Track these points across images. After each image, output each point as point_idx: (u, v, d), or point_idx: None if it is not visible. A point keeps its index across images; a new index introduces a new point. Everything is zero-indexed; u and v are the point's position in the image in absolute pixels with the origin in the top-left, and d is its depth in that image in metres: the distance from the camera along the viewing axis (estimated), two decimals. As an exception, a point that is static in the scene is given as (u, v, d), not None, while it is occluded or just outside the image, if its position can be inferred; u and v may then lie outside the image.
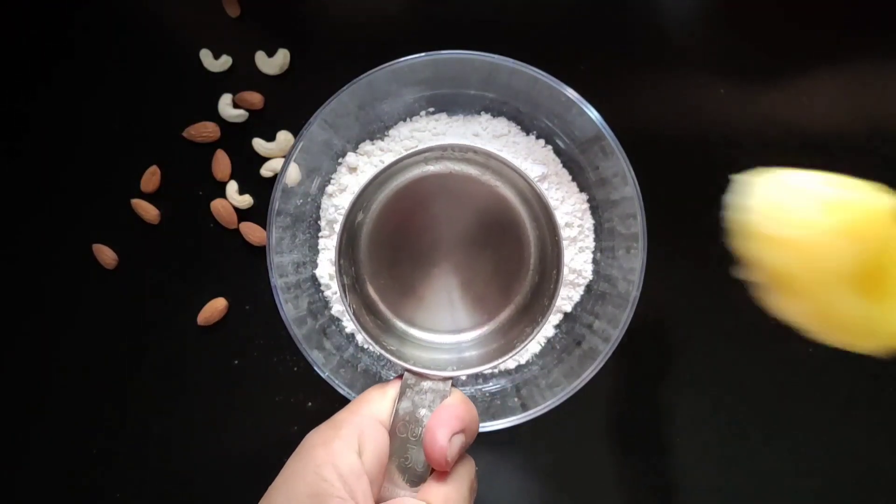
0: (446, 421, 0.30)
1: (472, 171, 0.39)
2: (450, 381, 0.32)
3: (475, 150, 0.35)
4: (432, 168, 0.39)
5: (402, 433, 0.31)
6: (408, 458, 0.30)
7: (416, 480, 0.30)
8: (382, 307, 0.39)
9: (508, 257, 0.39)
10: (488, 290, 0.38)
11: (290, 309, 0.40)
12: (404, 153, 0.34)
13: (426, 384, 0.32)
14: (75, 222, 0.48)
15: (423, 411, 0.31)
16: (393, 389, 0.32)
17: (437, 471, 0.30)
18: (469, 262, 0.39)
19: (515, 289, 0.39)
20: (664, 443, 0.46)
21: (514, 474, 0.47)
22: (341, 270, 0.35)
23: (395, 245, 0.38)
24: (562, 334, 0.44)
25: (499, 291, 0.39)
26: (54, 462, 0.47)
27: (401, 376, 0.33)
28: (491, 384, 0.44)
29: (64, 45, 0.48)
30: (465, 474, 0.31)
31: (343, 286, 0.34)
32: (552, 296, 0.35)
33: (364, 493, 0.27)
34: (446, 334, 0.39)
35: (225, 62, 0.48)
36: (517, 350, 0.35)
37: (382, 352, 0.34)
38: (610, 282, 0.42)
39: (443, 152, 0.36)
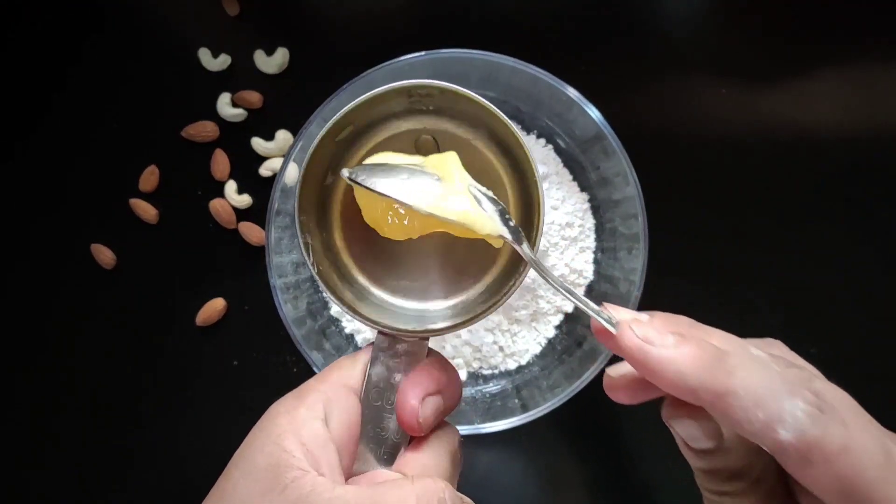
0: (419, 381, 0.28)
1: (446, 125, 0.36)
2: (426, 344, 0.29)
3: (441, 90, 0.31)
4: (405, 125, 0.36)
5: (377, 401, 0.28)
6: (383, 429, 0.28)
7: (392, 452, 0.28)
8: (358, 275, 0.36)
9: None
10: (471, 253, 0.36)
11: (289, 309, 0.40)
12: (357, 100, 0.31)
13: (401, 346, 0.29)
14: (74, 222, 0.48)
15: (398, 377, 0.29)
16: (364, 356, 0.29)
17: (415, 440, 0.28)
18: None
19: (500, 249, 0.35)
20: (665, 443, 0.46)
21: (515, 475, 0.47)
22: (305, 229, 0.32)
23: None
24: (562, 335, 0.44)
25: (482, 253, 0.35)
26: (53, 462, 0.47)
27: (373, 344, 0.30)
28: (491, 385, 0.44)
29: (63, 46, 0.48)
30: (446, 443, 0.28)
31: (307, 244, 0.32)
32: (534, 243, 0.31)
33: (330, 464, 0.25)
34: (428, 302, 0.36)
35: (224, 61, 0.47)
36: (500, 302, 0.31)
37: (352, 314, 0.31)
38: (611, 282, 0.42)
39: (410, 103, 0.33)
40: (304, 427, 0.26)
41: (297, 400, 0.27)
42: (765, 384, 0.22)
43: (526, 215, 0.35)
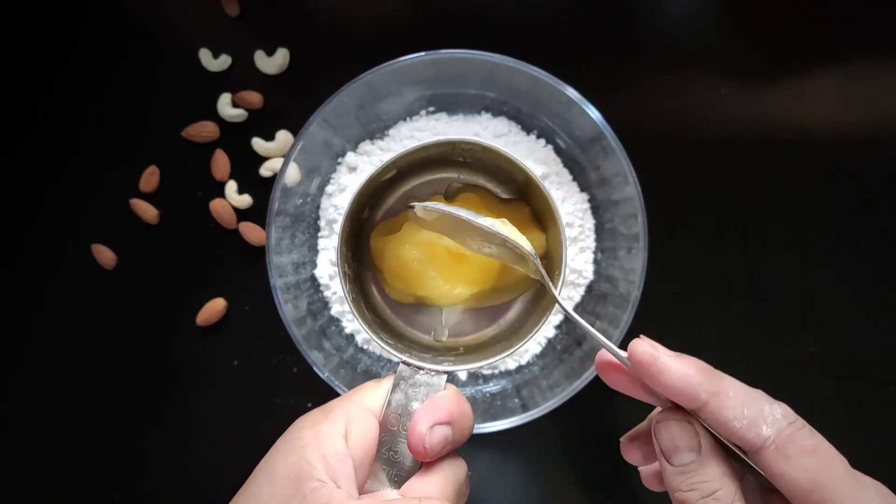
0: (431, 410, 0.29)
1: (478, 178, 0.39)
2: (444, 377, 0.32)
3: (482, 146, 0.34)
4: (441, 173, 0.39)
5: (394, 426, 0.30)
6: (397, 452, 0.30)
7: (403, 476, 0.30)
8: (384, 306, 0.39)
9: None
10: (492, 296, 0.38)
11: (289, 309, 0.40)
12: (408, 148, 0.34)
13: (420, 377, 0.31)
14: (74, 222, 0.48)
15: (415, 405, 0.30)
16: (387, 382, 0.31)
17: (423, 468, 0.29)
18: None
19: (520, 292, 0.39)
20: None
21: (515, 475, 0.47)
22: (343, 259, 0.34)
23: None
24: (562, 335, 0.44)
25: (504, 297, 0.39)
26: (53, 463, 0.47)
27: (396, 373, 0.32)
28: (491, 385, 0.44)
29: (63, 45, 0.48)
30: (452, 474, 0.30)
31: (344, 274, 0.34)
32: (555, 295, 0.34)
33: (347, 477, 0.27)
34: (447, 338, 0.39)
35: (224, 61, 0.47)
36: (515, 349, 0.34)
37: (378, 342, 0.33)
38: (611, 282, 0.42)
39: (450, 154, 0.36)
40: (326, 442, 0.27)
41: (322, 415, 0.29)
42: (750, 391, 0.27)
43: (546, 269, 0.37)
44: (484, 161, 0.37)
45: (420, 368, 0.31)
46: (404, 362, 0.32)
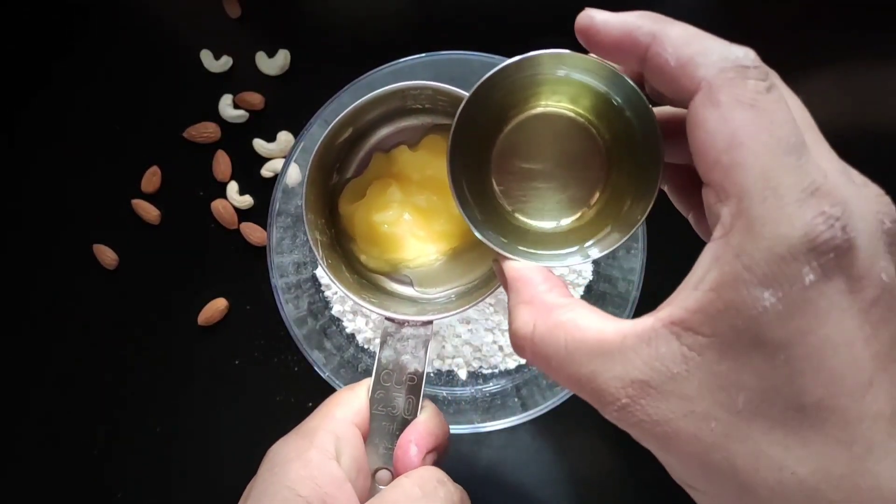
0: (419, 441, 0.29)
1: (443, 120, 0.37)
2: (431, 327, 0.32)
3: (433, 89, 0.32)
4: (404, 123, 0.38)
5: (387, 382, 0.31)
6: (394, 407, 0.31)
7: (402, 427, 0.30)
8: (366, 268, 0.38)
9: None
10: (471, 245, 0.37)
11: (290, 309, 0.40)
12: (354, 105, 0.33)
13: (407, 331, 0.32)
14: (76, 222, 0.48)
15: (406, 357, 0.31)
16: (360, 386, 0.31)
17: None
18: None
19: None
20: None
21: (515, 474, 0.47)
22: (314, 227, 0.34)
23: None
24: (562, 334, 0.44)
25: (476, 250, 0.37)
26: (55, 462, 0.47)
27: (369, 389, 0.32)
28: (491, 384, 0.44)
29: (64, 45, 0.48)
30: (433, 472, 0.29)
31: (315, 240, 0.34)
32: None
33: (349, 501, 0.25)
34: (434, 290, 0.38)
35: (225, 63, 0.48)
36: (493, 290, 0.33)
37: (361, 302, 0.33)
38: (610, 282, 0.42)
39: (405, 103, 0.35)
40: (319, 471, 0.26)
41: (306, 441, 0.27)
42: (699, 32, 0.22)
43: None
44: (443, 105, 0.36)
45: (405, 322, 0.32)
46: (388, 318, 0.32)
